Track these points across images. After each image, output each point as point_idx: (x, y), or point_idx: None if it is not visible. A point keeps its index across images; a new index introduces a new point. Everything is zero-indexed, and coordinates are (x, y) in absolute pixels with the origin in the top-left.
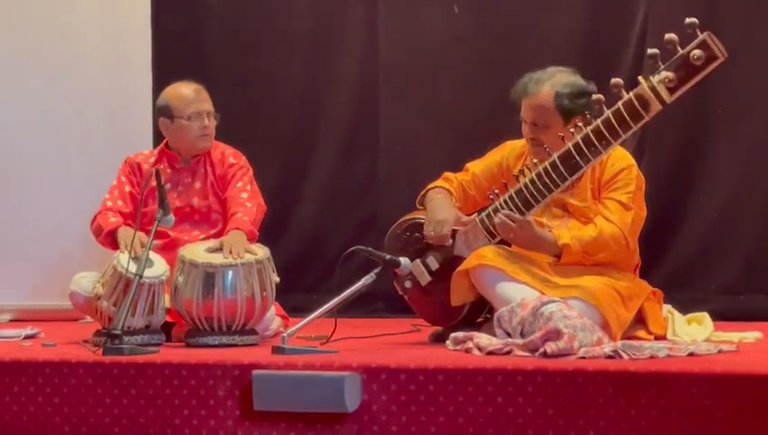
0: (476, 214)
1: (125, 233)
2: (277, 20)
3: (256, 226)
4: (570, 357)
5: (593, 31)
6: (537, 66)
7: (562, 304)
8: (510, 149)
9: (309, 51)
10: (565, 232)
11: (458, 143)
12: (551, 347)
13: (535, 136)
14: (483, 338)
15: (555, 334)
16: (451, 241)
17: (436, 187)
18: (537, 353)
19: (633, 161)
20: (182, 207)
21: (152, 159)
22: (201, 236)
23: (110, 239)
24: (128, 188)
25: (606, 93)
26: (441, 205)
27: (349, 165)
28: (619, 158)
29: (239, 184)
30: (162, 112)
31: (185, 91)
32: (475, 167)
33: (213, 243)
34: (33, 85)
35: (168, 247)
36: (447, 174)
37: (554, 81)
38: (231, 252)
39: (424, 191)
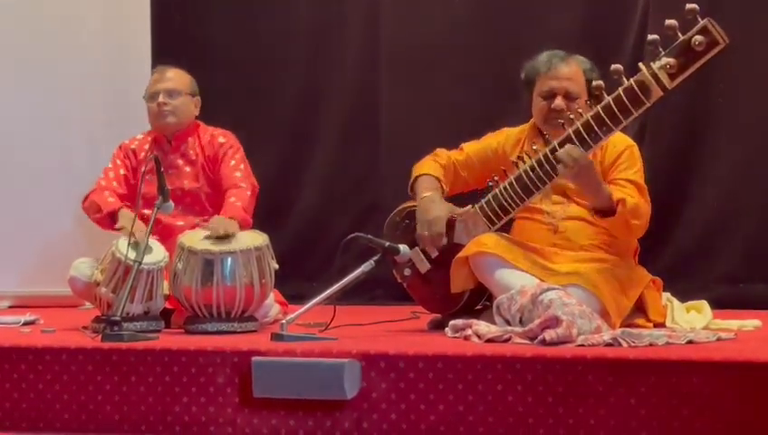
0: (472, 205)
1: (126, 216)
2: (278, 6)
3: (249, 211)
4: (568, 345)
5: (594, 16)
6: (539, 52)
7: (562, 292)
8: (506, 136)
9: (309, 37)
10: (615, 189)
11: (459, 130)
12: (549, 335)
13: (567, 107)
14: (482, 325)
15: (554, 322)
16: (446, 239)
17: (424, 174)
18: (536, 341)
19: (633, 142)
20: (173, 190)
21: (146, 145)
22: (197, 220)
23: (109, 220)
24: (122, 172)
25: (606, 79)
26: (432, 202)
27: (349, 152)
28: (619, 140)
29: (232, 162)
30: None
31: (153, 75)
32: (470, 147)
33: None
34: (32, 72)
35: (164, 234)
36: (439, 150)
37: (575, 58)
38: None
39: (413, 175)
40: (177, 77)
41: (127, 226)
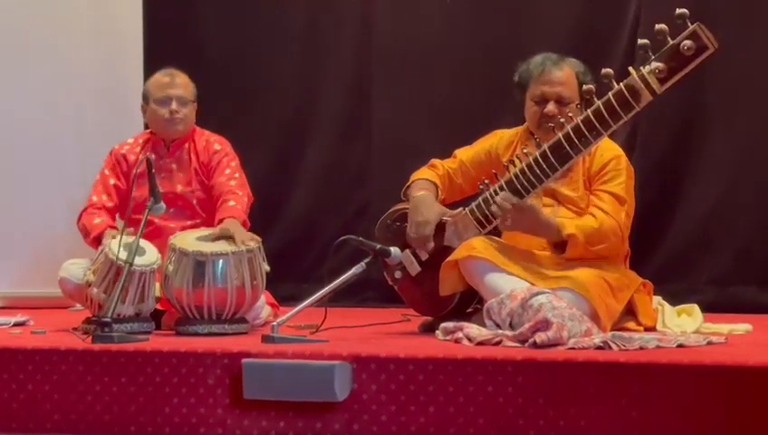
0: (462, 208)
1: (110, 235)
2: (271, 6)
3: (246, 215)
4: (559, 347)
5: (587, 21)
6: (531, 55)
7: (552, 296)
8: (499, 138)
9: (303, 38)
10: (567, 222)
11: (452, 131)
12: (540, 337)
13: (559, 112)
14: (473, 328)
15: (544, 325)
16: (432, 244)
17: (420, 178)
18: (527, 344)
19: (621, 151)
20: (165, 194)
21: (137, 148)
22: (188, 223)
23: (97, 243)
24: (112, 181)
25: (598, 83)
26: (423, 203)
27: (342, 153)
28: (608, 148)
29: (227, 171)
30: (142, 97)
31: (159, 77)
32: (463, 154)
33: (204, 231)
34: (24, 73)
35: (155, 235)
36: (434, 161)
37: (569, 62)
38: (242, 241)
39: (409, 182)
40: (185, 84)
41: (113, 236)
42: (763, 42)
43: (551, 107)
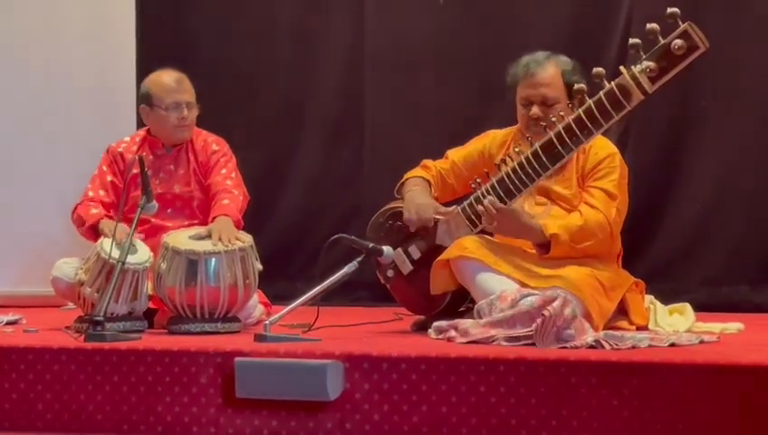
0: (455, 206)
1: (107, 224)
2: (263, 8)
3: (241, 214)
4: (552, 347)
5: (579, 21)
6: (523, 56)
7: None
8: (492, 138)
9: (294, 39)
10: (551, 222)
11: (443, 133)
12: (548, 310)
13: (544, 115)
14: (471, 323)
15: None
16: (434, 224)
17: (414, 176)
18: (535, 325)
19: (616, 149)
20: (163, 194)
21: (134, 147)
22: (186, 224)
23: (92, 232)
24: (109, 178)
25: (589, 83)
26: (419, 194)
27: (333, 154)
28: (602, 146)
29: (223, 171)
30: (143, 100)
31: (166, 81)
32: (455, 154)
33: (197, 230)
34: (16, 71)
35: (151, 233)
36: (426, 161)
37: (555, 60)
38: (221, 239)
39: (402, 180)
40: (191, 88)
41: (108, 229)
42: (756, 41)
43: (535, 110)
